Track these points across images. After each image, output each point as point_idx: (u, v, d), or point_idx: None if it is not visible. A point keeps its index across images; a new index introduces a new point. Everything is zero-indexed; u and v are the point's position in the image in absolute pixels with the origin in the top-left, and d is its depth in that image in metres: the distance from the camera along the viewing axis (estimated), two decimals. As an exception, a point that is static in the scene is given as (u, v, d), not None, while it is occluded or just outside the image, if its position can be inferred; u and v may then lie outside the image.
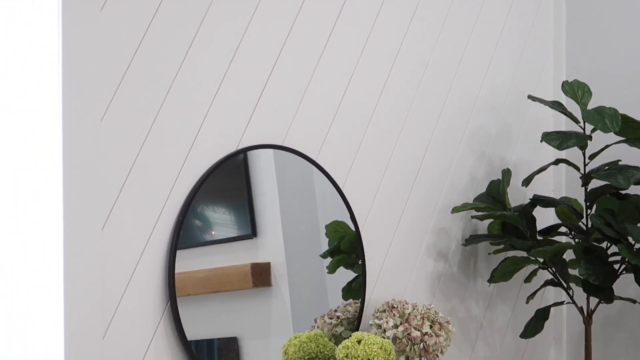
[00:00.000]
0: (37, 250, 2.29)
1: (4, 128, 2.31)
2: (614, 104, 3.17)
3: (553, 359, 3.73)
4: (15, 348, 2.26)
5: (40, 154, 2.28)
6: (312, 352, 2.72)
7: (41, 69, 2.26)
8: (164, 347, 2.46)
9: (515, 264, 3.23)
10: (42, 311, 2.28)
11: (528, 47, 3.69)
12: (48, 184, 2.28)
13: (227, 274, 2.63)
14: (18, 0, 2.28)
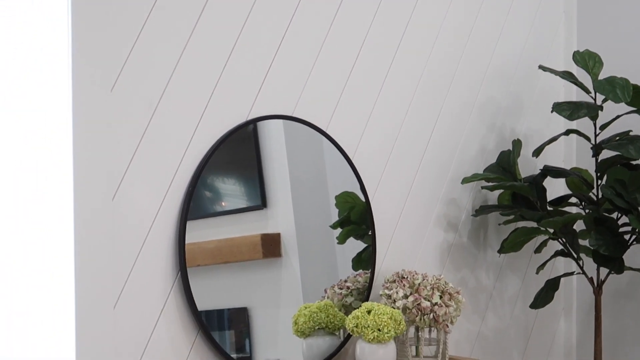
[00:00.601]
0: (48, 221, 2.29)
1: (15, 100, 2.31)
2: (626, 74, 3.15)
3: (563, 329, 3.74)
4: (26, 318, 2.27)
5: (50, 125, 2.28)
6: (322, 322, 2.73)
7: (50, 38, 2.26)
8: (174, 317, 2.47)
9: (525, 235, 3.23)
10: (53, 282, 2.29)
11: (539, 17, 3.67)
12: (59, 155, 2.28)
13: (237, 245, 2.63)
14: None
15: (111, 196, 2.34)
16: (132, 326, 2.39)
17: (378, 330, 2.63)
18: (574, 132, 3.25)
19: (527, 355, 3.58)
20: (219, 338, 2.55)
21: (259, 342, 2.65)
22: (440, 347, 2.81)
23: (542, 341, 3.65)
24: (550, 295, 3.27)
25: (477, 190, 3.35)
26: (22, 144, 2.26)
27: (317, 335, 2.74)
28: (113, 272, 2.34)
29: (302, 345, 2.74)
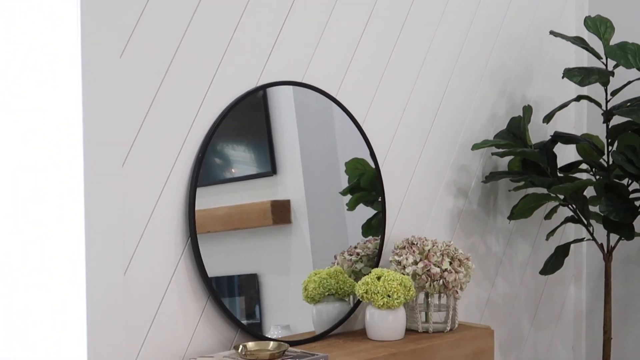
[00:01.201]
0: (58, 188, 2.30)
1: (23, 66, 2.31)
2: (637, 40, 3.13)
3: (572, 295, 3.74)
4: (36, 284, 2.28)
5: (59, 92, 2.28)
6: (331, 288, 2.73)
7: (59, 4, 2.25)
8: (184, 283, 2.48)
9: (536, 201, 3.23)
10: (64, 248, 2.30)
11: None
12: (68, 122, 2.28)
13: (247, 211, 2.63)
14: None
15: (121, 163, 2.34)
16: (143, 292, 2.40)
17: (388, 297, 2.64)
18: (585, 98, 3.23)
19: (537, 321, 3.59)
20: (229, 304, 2.56)
21: (268, 308, 2.66)
22: (449, 313, 2.81)
23: (552, 307, 3.65)
24: (560, 261, 3.27)
25: (487, 157, 3.34)
26: (31, 110, 2.26)
27: (326, 301, 2.75)
28: (123, 238, 2.35)
29: (312, 311, 2.75)
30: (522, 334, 3.53)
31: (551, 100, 3.55)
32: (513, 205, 3.29)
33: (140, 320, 2.40)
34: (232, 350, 2.48)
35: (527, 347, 3.55)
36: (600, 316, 3.43)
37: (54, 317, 2.30)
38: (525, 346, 3.54)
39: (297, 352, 2.46)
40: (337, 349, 2.60)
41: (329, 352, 2.54)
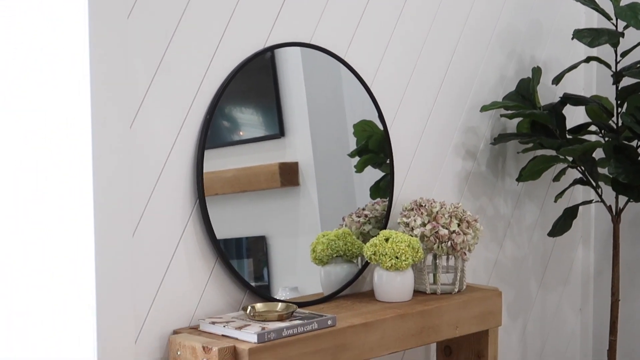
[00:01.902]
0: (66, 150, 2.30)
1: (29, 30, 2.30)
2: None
3: (581, 257, 3.74)
4: (45, 247, 2.29)
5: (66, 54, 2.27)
6: (340, 249, 2.74)
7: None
8: (193, 245, 2.48)
9: (544, 163, 3.22)
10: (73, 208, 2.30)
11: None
12: (74, 84, 2.28)
13: (255, 174, 2.63)
14: None
15: (129, 124, 2.34)
16: (151, 254, 2.40)
17: (396, 258, 2.64)
18: (595, 60, 3.21)
19: (545, 283, 3.59)
20: (237, 266, 2.56)
21: (277, 270, 2.67)
22: (457, 274, 2.82)
23: (560, 269, 3.66)
24: (569, 223, 3.27)
25: (495, 118, 3.33)
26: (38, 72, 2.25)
27: (335, 263, 2.75)
28: (131, 200, 2.35)
29: (320, 273, 2.75)
30: (530, 295, 3.54)
31: (560, 62, 3.53)
32: (521, 167, 3.28)
33: (148, 282, 2.41)
34: (241, 312, 2.49)
35: (534, 309, 3.56)
36: (608, 278, 3.43)
37: (62, 280, 2.31)
38: (533, 308, 3.55)
39: (305, 313, 2.47)
40: (345, 310, 2.61)
41: (337, 313, 2.55)
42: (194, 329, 2.43)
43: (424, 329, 2.64)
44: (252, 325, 2.34)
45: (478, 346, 2.92)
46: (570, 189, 3.35)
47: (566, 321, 3.71)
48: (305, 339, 2.35)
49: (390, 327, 2.55)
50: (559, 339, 3.69)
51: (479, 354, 2.92)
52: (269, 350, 2.27)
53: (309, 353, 2.36)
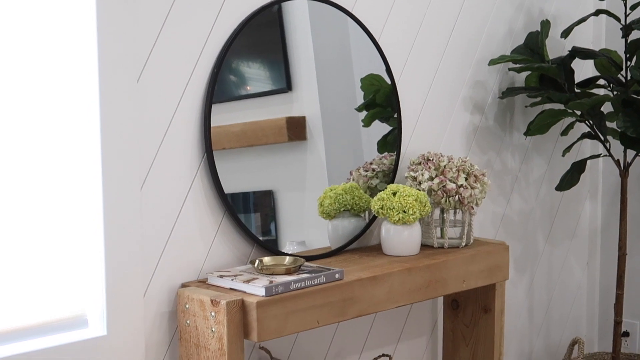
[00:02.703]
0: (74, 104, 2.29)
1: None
2: (659, -48, 3.08)
3: (588, 211, 3.74)
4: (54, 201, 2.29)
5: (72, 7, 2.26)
6: (347, 203, 2.74)
7: None
8: (200, 199, 2.49)
9: (552, 117, 3.21)
10: (80, 164, 2.31)
11: None
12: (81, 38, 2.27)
13: (262, 128, 2.63)
14: None
15: (136, 78, 2.34)
16: (159, 207, 2.41)
17: (403, 212, 2.65)
18: (604, 13, 3.19)
19: (552, 237, 3.60)
20: (245, 221, 2.57)
21: (284, 224, 2.68)
22: (465, 228, 2.82)
23: (567, 223, 3.66)
24: (576, 177, 3.27)
25: (504, 72, 3.32)
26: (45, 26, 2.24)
27: (342, 217, 2.76)
28: (139, 153, 2.35)
29: (328, 227, 2.76)
30: (537, 250, 3.55)
31: (569, 15, 3.50)
32: (529, 121, 3.27)
33: (156, 236, 2.41)
34: (249, 265, 2.50)
35: (541, 263, 3.57)
36: (615, 232, 3.43)
37: (70, 234, 2.32)
38: (540, 262, 3.56)
39: (313, 266, 2.48)
40: (352, 264, 2.62)
41: (345, 267, 2.56)
42: (202, 282, 2.45)
43: (431, 282, 2.65)
44: (260, 278, 2.35)
45: (485, 300, 2.93)
46: (578, 143, 3.34)
47: (573, 275, 3.72)
48: (312, 292, 2.36)
49: (398, 281, 2.56)
50: (565, 293, 3.70)
51: (486, 307, 2.93)
52: (276, 303, 2.28)
53: (317, 306, 2.37)
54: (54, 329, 2.30)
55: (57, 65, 2.26)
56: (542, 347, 3.63)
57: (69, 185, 2.31)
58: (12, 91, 2.20)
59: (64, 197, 2.31)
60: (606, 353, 3.46)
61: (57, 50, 2.26)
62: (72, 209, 2.32)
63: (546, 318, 3.63)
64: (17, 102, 2.21)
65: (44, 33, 2.24)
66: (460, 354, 3.01)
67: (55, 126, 2.28)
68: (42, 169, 2.27)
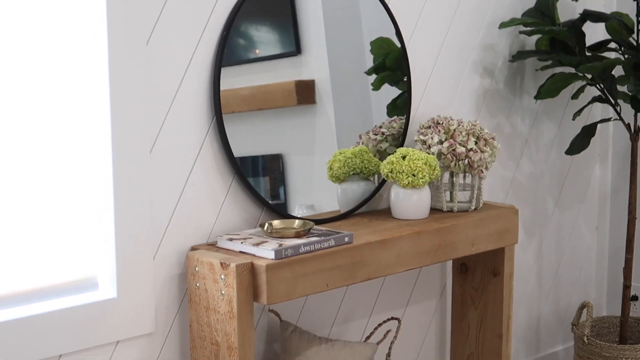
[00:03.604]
0: (83, 67, 2.29)
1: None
2: None
3: (598, 175, 3.74)
4: (63, 165, 2.29)
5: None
6: (356, 167, 2.74)
7: None
8: (210, 162, 2.49)
9: (563, 80, 3.20)
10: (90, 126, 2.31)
11: None
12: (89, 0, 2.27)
13: (272, 92, 2.62)
14: None
15: (145, 41, 2.33)
16: (169, 171, 2.41)
17: (413, 176, 2.64)
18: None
19: (561, 201, 3.59)
20: (254, 184, 2.57)
21: (293, 188, 2.68)
22: (474, 192, 2.82)
23: (577, 187, 3.65)
24: (586, 141, 3.26)
25: (514, 35, 3.30)
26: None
27: (351, 180, 2.76)
28: (148, 117, 2.35)
29: (337, 191, 2.76)
30: (546, 214, 3.55)
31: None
32: (540, 84, 3.26)
33: (166, 199, 2.42)
34: (258, 228, 2.50)
35: (550, 227, 3.57)
36: (625, 196, 3.42)
37: (81, 197, 2.32)
38: (549, 226, 3.56)
39: (322, 230, 2.49)
40: (361, 227, 2.62)
41: (354, 230, 2.56)
42: (211, 245, 2.45)
43: (440, 246, 2.65)
44: (270, 241, 2.36)
45: (494, 263, 2.94)
46: (588, 106, 3.32)
47: (582, 239, 3.72)
48: (322, 255, 2.37)
49: (407, 245, 2.56)
50: (574, 257, 3.70)
51: (495, 271, 2.94)
52: (286, 266, 2.29)
53: (326, 269, 2.38)
54: (65, 291, 2.32)
55: (66, 27, 2.26)
56: (550, 310, 3.64)
57: (78, 149, 2.31)
58: (21, 54, 2.20)
59: (74, 161, 2.31)
60: (615, 317, 3.46)
61: (66, 12, 2.25)
62: (82, 172, 2.32)
63: (555, 282, 3.63)
64: (25, 65, 2.21)
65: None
66: (469, 318, 3.03)
67: (65, 89, 2.28)
68: (53, 133, 2.27)
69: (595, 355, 3.18)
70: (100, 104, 2.29)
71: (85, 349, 2.31)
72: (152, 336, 2.43)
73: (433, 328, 3.18)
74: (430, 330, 3.17)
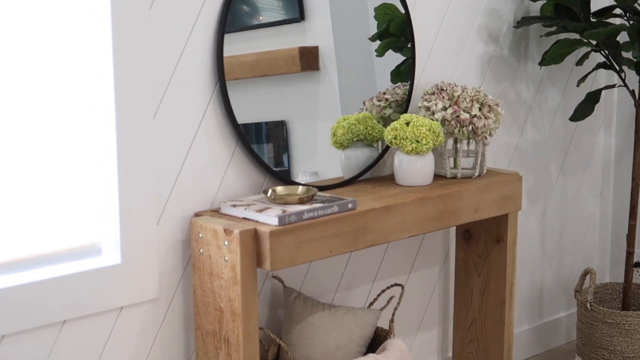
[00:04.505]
0: (86, 31, 2.28)
1: None
2: None
3: (602, 142, 3.73)
4: (67, 130, 2.29)
5: None
6: (360, 133, 2.73)
7: None
8: (213, 128, 2.48)
9: (568, 46, 3.18)
10: (94, 91, 2.30)
11: None
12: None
13: (275, 58, 2.61)
14: None
15: (148, 6, 2.32)
16: (172, 137, 2.41)
17: (416, 142, 2.64)
18: (622, -61, 3.14)
19: (565, 168, 3.59)
20: (258, 151, 2.57)
21: (297, 154, 2.67)
22: (478, 159, 2.82)
23: (581, 154, 3.65)
24: (591, 107, 3.25)
25: (519, 1, 3.28)
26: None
27: (355, 147, 2.75)
28: (151, 82, 2.35)
29: (341, 157, 2.76)
30: (550, 180, 3.54)
31: (586, -58, 3.45)
32: (544, 51, 3.24)
33: (169, 165, 2.42)
34: (262, 195, 2.50)
35: (554, 193, 3.56)
36: (629, 163, 3.42)
37: (85, 163, 2.32)
38: (553, 193, 3.56)
39: (326, 196, 2.49)
40: (365, 193, 2.62)
41: (358, 196, 2.56)
42: (215, 211, 2.46)
43: (444, 212, 2.65)
44: (273, 208, 2.36)
45: (497, 230, 2.94)
46: (593, 73, 3.31)
47: (586, 206, 3.72)
48: (325, 222, 2.37)
49: (411, 211, 2.56)
50: (578, 224, 3.70)
51: (498, 237, 2.94)
52: (289, 232, 2.29)
53: (330, 236, 2.38)
54: (68, 257, 2.32)
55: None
56: (553, 277, 3.65)
57: (82, 114, 2.31)
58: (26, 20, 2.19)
59: (77, 126, 2.31)
60: (618, 283, 3.47)
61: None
62: (86, 137, 2.32)
63: (558, 249, 3.64)
64: (29, 30, 2.20)
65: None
66: (472, 284, 3.03)
67: (68, 55, 2.27)
68: (57, 99, 2.26)
69: (597, 321, 3.19)
70: (104, 69, 2.28)
71: (89, 314, 2.32)
72: (155, 302, 2.44)
73: (436, 295, 3.19)
74: (434, 296, 3.18)
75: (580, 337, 3.28)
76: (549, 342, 3.66)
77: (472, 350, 3.07)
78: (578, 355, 3.30)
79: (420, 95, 2.85)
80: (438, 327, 3.22)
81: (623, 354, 3.15)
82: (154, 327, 2.45)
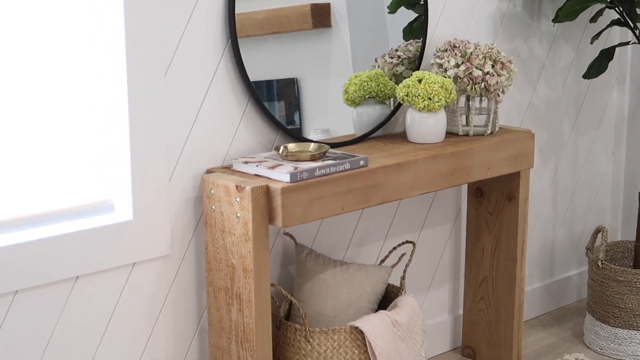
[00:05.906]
0: None
1: None
2: None
3: (615, 99, 3.71)
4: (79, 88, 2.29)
5: None
6: (372, 90, 2.73)
7: None
8: (225, 85, 2.48)
9: (581, 3, 3.15)
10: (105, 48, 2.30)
11: None
12: None
13: (287, 15, 2.60)
14: None
15: (158, -38, 2.31)
16: (184, 93, 2.41)
17: (429, 99, 2.63)
18: None
19: (578, 125, 3.58)
20: (269, 108, 2.56)
21: (308, 112, 2.67)
22: (490, 116, 2.81)
23: (594, 112, 3.63)
24: (604, 65, 3.22)
25: (533, -43, 3.25)
26: None
27: (367, 104, 2.75)
28: (163, 39, 2.34)
29: (352, 114, 2.75)
30: (563, 138, 3.53)
31: None
32: (558, 7, 3.21)
33: (181, 122, 2.42)
34: (273, 152, 2.50)
35: (567, 151, 3.55)
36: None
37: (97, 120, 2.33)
38: (565, 151, 3.55)
39: (338, 153, 2.48)
40: (377, 151, 2.62)
41: (369, 154, 2.56)
42: (227, 168, 2.46)
43: (455, 170, 2.65)
44: (285, 165, 2.36)
45: (509, 188, 2.94)
46: (607, 30, 3.28)
47: (598, 164, 3.71)
48: (337, 179, 2.37)
49: (422, 168, 2.56)
50: (590, 182, 3.70)
51: (510, 195, 2.94)
52: (301, 189, 2.29)
53: (341, 193, 2.38)
54: (81, 213, 2.33)
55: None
56: (565, 235, 3.65)
57: (93, 71, 2.31)
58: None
59: (89, 84, 2.31)
60: (629, 242, 3.47)
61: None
62: (98, 94, 2.32)
63: (570, 206, 3.63)
64: None
65: None
66: (483, 242, 3.03)
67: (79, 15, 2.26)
68: (68, 57, 2.26)
69: (609, 279, 3.19)
70: (115, 26, 2.27)
71: (101, 270, 2.33)
72: (168, 258, 2.45)
73: (447, 252, 3.19)
74: (445, 254, 3.19)
75: (591, 295, 3.29)
76: (560, 300, 3.67)
77: (482, 307, 3.08)
78: (589, 313, 3.31)
79: (433, 52, 2.83)
80: (449, 285, 3.23)
81: (634, 312, 3.16)
82: (167, 284, 2.47)
